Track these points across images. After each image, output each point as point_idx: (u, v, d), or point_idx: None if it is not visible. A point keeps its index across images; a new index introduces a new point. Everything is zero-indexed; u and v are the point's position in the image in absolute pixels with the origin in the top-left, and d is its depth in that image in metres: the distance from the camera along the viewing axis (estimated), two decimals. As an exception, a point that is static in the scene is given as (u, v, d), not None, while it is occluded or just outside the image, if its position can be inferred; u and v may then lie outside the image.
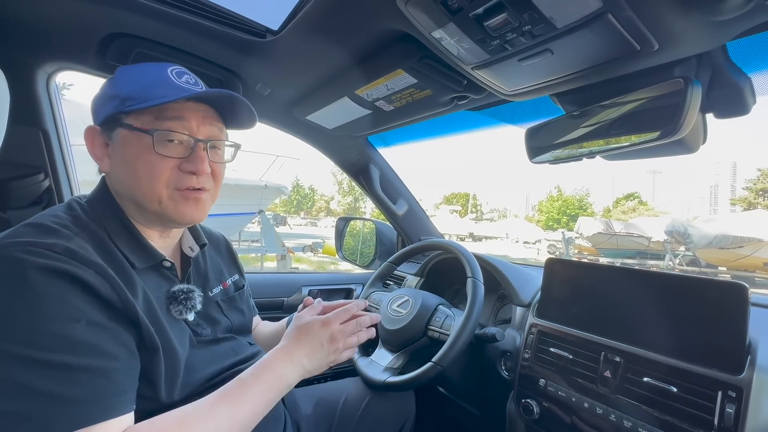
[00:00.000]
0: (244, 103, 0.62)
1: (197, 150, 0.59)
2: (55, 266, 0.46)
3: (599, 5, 0.48)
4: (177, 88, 0.58)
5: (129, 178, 0.58)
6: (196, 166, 0.58)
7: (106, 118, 0.58)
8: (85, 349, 0.45)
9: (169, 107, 0.57)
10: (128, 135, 0.57)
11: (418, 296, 1.00)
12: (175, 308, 0.60)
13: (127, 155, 0.57)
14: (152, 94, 0.56)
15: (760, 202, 34.88)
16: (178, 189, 0.58)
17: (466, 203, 54.98)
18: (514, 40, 0.58)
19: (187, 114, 0.59)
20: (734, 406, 0.59)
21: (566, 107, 0.77)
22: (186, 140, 0.58)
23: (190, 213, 0.60)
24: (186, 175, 0.59)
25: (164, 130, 0.56)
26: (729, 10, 0.46)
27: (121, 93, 0.57)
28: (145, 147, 0.56)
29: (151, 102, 0.55)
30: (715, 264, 13.24)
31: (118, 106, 0.56)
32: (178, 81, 0.59)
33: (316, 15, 0.70)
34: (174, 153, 0.58)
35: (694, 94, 0.56)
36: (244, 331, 0.77)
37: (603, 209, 49.35)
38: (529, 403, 0.85)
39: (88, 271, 0.48)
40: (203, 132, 0.60)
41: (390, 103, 0.96)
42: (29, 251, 0.46)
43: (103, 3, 0.72)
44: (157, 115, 0.57)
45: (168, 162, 0.57)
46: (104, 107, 0.58)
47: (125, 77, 0.59)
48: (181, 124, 0.58)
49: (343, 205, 51.32)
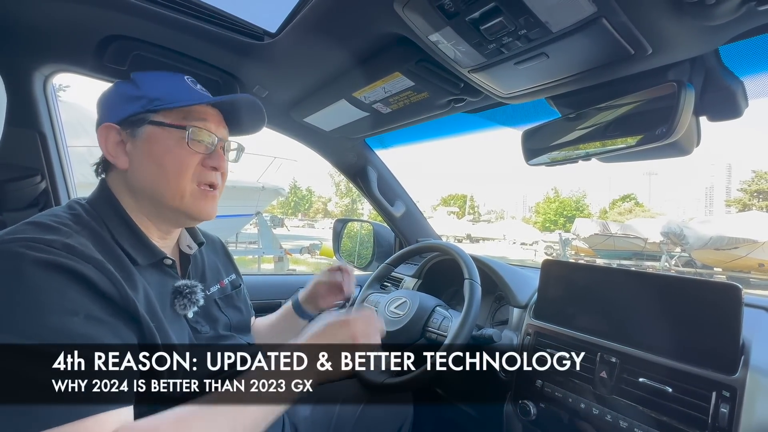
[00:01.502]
0: (258, 112, 0.71)
1: (218, 148, 0.65)
2: (54, 260, 0.46)
3: (593, 10, 0.49)
4: (199, 94, 0.66)
5: (155, 173, 0.61)
6: (218, 162, 0.64)
7: (130, 116, 0.61)
8: (84, 341, 0.45)
9: (194, 109, 0.63)
10: (157, 131, 0.61)
11: (416, 298, 1.00)
12: (180, 302, 0.62)
13: (155, 150, 0.61)
14: (179, 96, 0.63)
15: (754, 203, 35.15)
16: (199, 184, 0.63)
17: (464, 205, 55.09)
18: (510, 43, 0.58)
19: (209, 116, 0.65)
20: (728, 406, 0.59)
21: (562, 110, 0.78)
22: (209, 139, 0.64)
23: (207, 209, 0.65)
24: (207, 171, 0.64)
25: (196, 128, 0.62)
26: (721, 16, 0.47)
27: (149, 94, 0.62)
28: (175, 142, 0.61)
29: (181, 103, 0.62)
30: (711, 265, 13.32)
31: (146, 105, 0.61)
32: (195, 88, 0.67)
33: (314, 18, 0.70)
34: (200, 149, 0.63)
35: (687, 98, 0.57)
36: (243, 329, 0.78)
37: (600, 210, 49.58)
38: (526, 404, 0.85)
39: (87, 266, 0.49)
40: (220, 133, 0.66)
41: (387, 106, 0.97)
42: (29, 246, 0.47)
43: (102, 5, 0.72)
44: (185, 115, 0.62)
45: (195, 157, 0.62)
46: (124, 107, 0.62)
47: (149, 81, 0.64)
48: (204, 124, 0.64)
49: (340, 207, 51.34)
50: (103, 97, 0.66)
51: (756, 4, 0.45)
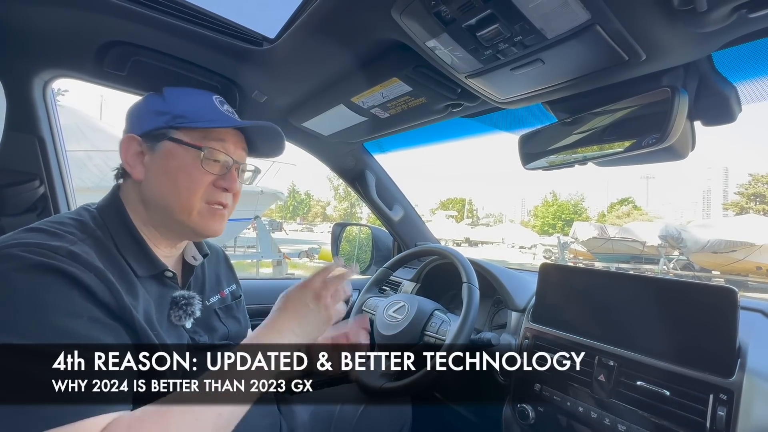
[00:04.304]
0: (279, 140, 0.72)
1: (232, 170, 0.66)
2: (57, 266, 0.47)
3: (587, 17, 0.50)
4: (223, 115, 0.66)
5: (167, 188, 0.62)
6: (230, 184, 0.65)
7: (152, 130, 0.63)
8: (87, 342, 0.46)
9: (215, 130, 0.64)
10: (175, 148, 0.62)
11: (414, 302, 1.01)
12: (175, 313, 0.62)
13: (171, 166, 0.62)
14: (203, 116, 0.64)
15: (752, 206, 35.28)
16: (208, 203, 0.64)
17: (462, 208, 55.13)
18: (506, 50, 0.59)
19: (228, 138, 0.66)
20: (725, 408, 0.60)
21: (558, 114, 0.79)
22: (224, 161, 0.65)
23: (214, 227, 0.65)
24: (218, 191, 0.65)
25: (212, 149, 0.63)
26: (712, 23, 0.48)
27: (174, 111, 0.63)
28: (190, 160, 0.62)
29: (203, 123, 0.63)
30: (709, 268, 13.35)
31: (169, 121, 0.62)
32: (221, 108, 0.67)
33: (313, 24, 0.71)
34: (213, 170, 0.64)
35: (681, 103, 0.57)
36: (241, 339, 0.77)
37: (598, 214, 49.66)
38: (525, 408, 0.85)
39: (89, 274, 0.49)
40: (237, 155, 0.67)
41: (385, 111, 0.98)
42: (33, 251, 0.47)
43: (101, 11, 0.73)
44: (205, 135, 0.64)
45: (207, 177, 0.63)
46: (149, 120, 0.64)
47: (176, 97, 0.66)
48: (222, 145, 0.65)
49: (339, 211, 51.27)
50: (132, 108, 0.68)
51: (747, 11, 0.46)
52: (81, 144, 6.78)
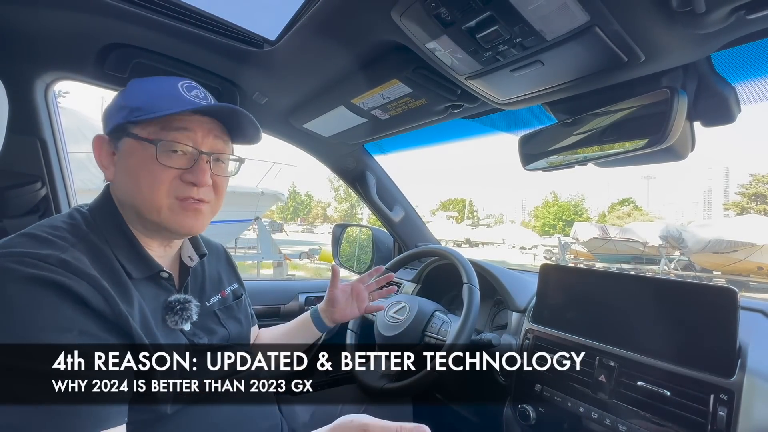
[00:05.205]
0: (248, 117, 0.63)
1: (200, 162, 0.60)
2: (48, 277, 0.46)
3: (586, 19, 0.50)
4: (184, 101, 0.59)
5: (131, 187, 0.59)
6: (197, 177, 0.59)
7: (114, 128, 0.59)
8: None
9: (175, 118, 0.58)
10: (133, 144, 0.58)
11: (415, 302, 1.01)
12: (171, 318, 0.60)
13: (131, 164, 0.59)
14: (160, 105, 0.58)
15: (752, 206, 35.23)
16: (178, 198, 0.59)
17: (463, 209, 55.10)
18: (506, 51, 0.59)
19: (193, 126, 0.60)
20: (726, 409, 0.60)
21: (558, 116, 0.79)
22: (189, 151, 0.59)
23: (189, 224, 0.61)
24: (187, 186, 0.59)
25: (168, 141, 0.58)
26: (711, 24, 0.48)
27: (130, 104, 0.59)
28: (148, 156, 0.57)
29: (157, 113, 0.57)
30: (710, 268, 13.32)
31: (127, 116, 0.58)
32: (187, 95, 0.60)
33: (313, 25, 0.71)
34: (176, 164, 0.59)
35: (680, 104, 0.57)
36: (242, 341, 0.77)
37: (598, 214, 49.61)
38: (526, 409, 0.85)
39: (82, 283, 0.48)
40: (207, 144, 0.61)
41: (386, 112, 0.98)
42: (22, 262, 0.46)
43: (103, 14, 0.73)
44: (164, 125, 0.58)
45: (169, 172, 0.58)
46: (113, 117, 0.60)
47: (136, 89, 0.61)
48: (186, 135, 0.59)
49: (339, 212, 51.28)
50: (106, 107, 0.64)
51: (745, 12, 0.46)
52: (82, 146, 6.77)
